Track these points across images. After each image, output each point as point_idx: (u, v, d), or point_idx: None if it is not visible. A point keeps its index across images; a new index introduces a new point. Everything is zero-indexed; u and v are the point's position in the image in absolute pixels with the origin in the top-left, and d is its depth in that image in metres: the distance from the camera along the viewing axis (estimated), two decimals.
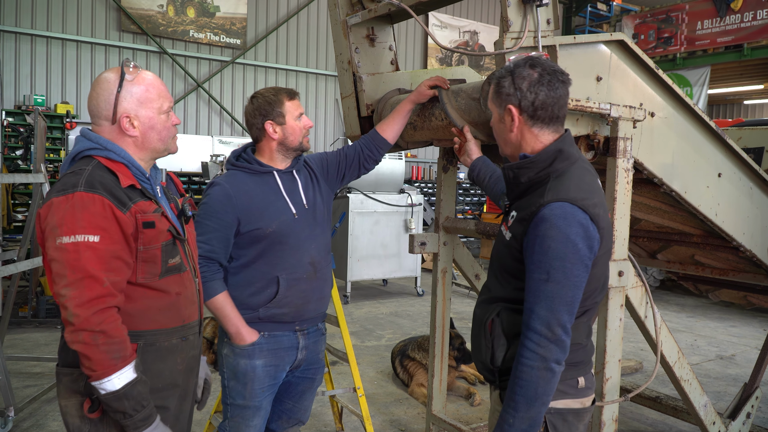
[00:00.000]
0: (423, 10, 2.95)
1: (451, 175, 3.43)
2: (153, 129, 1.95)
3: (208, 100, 13.84)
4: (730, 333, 7.65)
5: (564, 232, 1.73)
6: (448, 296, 3.44)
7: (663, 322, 2.90)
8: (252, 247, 2.49)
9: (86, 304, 1.69)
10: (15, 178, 5.01)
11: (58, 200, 1.76)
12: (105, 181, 1.81)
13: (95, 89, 1.91)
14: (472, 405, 4.88)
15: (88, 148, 1.89)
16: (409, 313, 8.23)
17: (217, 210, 2.43)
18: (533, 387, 1.75)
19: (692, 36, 14.29)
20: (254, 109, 2.54)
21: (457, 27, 17.36)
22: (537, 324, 1.75)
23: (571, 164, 1.87)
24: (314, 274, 2.59)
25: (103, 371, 1.71)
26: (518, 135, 1.90)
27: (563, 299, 1.74)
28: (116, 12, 12.67)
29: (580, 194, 1.79)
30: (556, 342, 1.74)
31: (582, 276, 1.77)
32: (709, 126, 2.99)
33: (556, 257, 1.73)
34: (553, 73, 1.85)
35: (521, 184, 1.91)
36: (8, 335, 6.14)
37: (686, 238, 3.64)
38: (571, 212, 1.75)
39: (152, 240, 1.88)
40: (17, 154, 11.04)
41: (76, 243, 1.72)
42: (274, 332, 2.54)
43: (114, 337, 1.73)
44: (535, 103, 1.83)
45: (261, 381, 2.53)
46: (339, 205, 8.69)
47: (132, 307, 1.87)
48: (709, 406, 3.23)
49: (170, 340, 1.96)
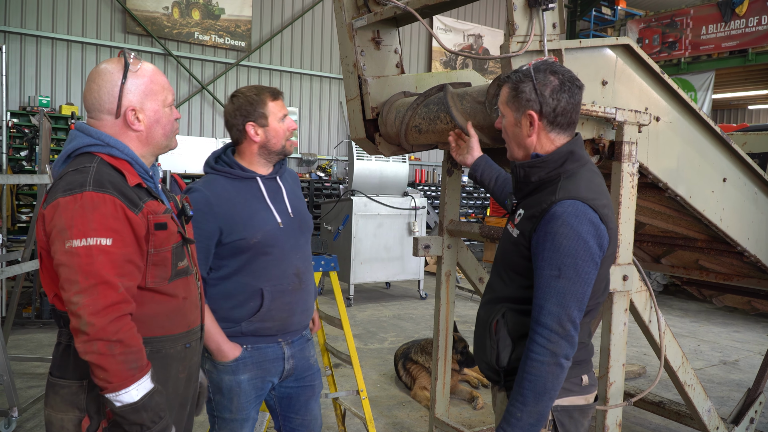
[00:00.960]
0: (429, 13, 2.95)
1: (455, 178, 3.43)
2: (158, 123, 1.84)
3: (212, 102, 13.87)
4: (733, 338, 7.63)
5: (576, 230, 1.76)
6: (452, 299, 3.44)
7: (667, 326, 2.89)
8: (234, 257, 2.34)
9: (101, 312, 1.59)
10: (20, 179, 5.02)
11: (65, 200, 1.64)
12: (114, 180, 1.70)
13: (95, 81, 1.77)
14: (475, 408, 4.87)
15: (87, 145, 1.75)
16: (412, 316, 8.23)
17: (196, 219, 2.23)
18: (542, 382, 1.76)
19: (697, 41, 14.26)
20: (234, 109, 2.38)
21: (462, 30, 17.36)
22: (548, 319, 1.77)
23: (581, 166, 1.91)
24: (299, 285, 2.47)
25: (121, 382, 1.61)
26: (534, 139, 1.92)
27: (574, 295, 1.77)
28: (121, 14, 12.70)
29: (591, 194, 1.82)
30: (566, 338, 1.76)
31: (592, 273, 1.79)
32: (714, 131, 2.99)
33: (567, 254, 1.76)
34: (572, 81, 1.89)
35: (531, 183, 1.94)
36: (12, 336, 6.16)
37: (690, 242, 3.63)
38: (582, 210, 1.78)
39: (163, 242, 1.78)
40: (22, 155, 11.07)
41: (88, 246, 1.60)
42: (258, 344, 2.42)
43: (131, 346, 1.63)
44: (557, 110, 1.87)
45: (247, 395, 2.43)
46: (342, 207, 8.70)
47: (140, 312, 1.75)
48: (712, 411, 3.22)
49: (176, 346, 1.87)
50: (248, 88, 2.43)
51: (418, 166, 16.70)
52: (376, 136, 3.16)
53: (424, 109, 2.78)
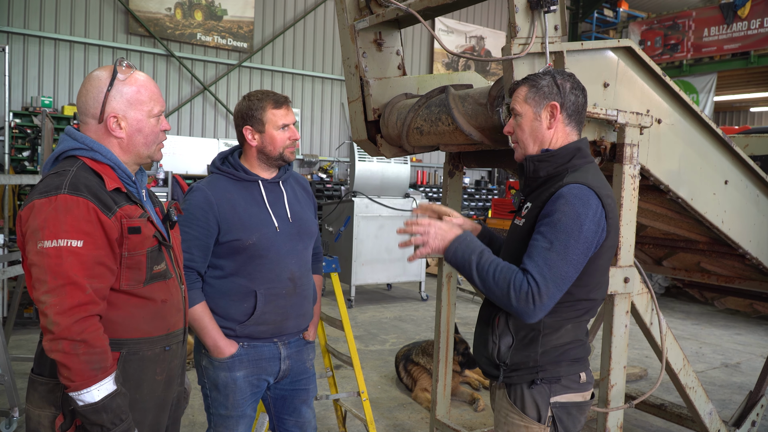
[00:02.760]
0: (431, 15, 2.95)
1: (456, 180, 3.43)
2: (140, 132, 1.87)
3: (214, 103, 13.88)
4: (735, 341, 7.62)
5: (576, 210, 1.82)
6: (453, 301, 3.44)
7: (668, 329, 2.89)
8: (230, 258, 2.39)
9: (67, 311, 1.62)
10: (22, 179, 5.03)
11: (40, 202, 1.69)
12: (90, 184, 1.74)
13: (85, 86, 1.84)
14: (476, 410, 4.87)
15: (72, 148, 1.81)
16: (413, 318, 8.23)
17: (197, 217, 2.33)
18: (498, 283, 1.82)
19: (699, 43, 14.26)
20: (237, 111, 2.46)
21: (464, 32, 17.37)
22: (534, 272, 1.80)
23: (587, 162, 1.99)
24: (294, 290, 2.49)
25: (82, 382, 1.64)
26: (553, 131, 1.99)
27: (558, 270, 1.80)
28: (124, 15, 12.72)
29: (597, 183, 1.90)
30: (540, 295, 1.78)
31: (580, 258, 1.83)
32: (715, 133, 2.98)
33: (562, 231, 1.81)
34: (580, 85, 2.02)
35: (539, 178, 2.01)
36: (13, 336, 6.16)
37: (692, 245, 3.63)
38: (587, 194, 1.85)
39: (137, 246, 1.81)
40: (24, 156, 11.09)
41: (58, 248, 1.64)
42: (254, 342, 2.45)
43: (95, 347, 1.66)
44: (576, 103, 1.98)
45: (243, 392, 2.45)
46: (344, 209, 8.70)
47: (116, 314, 1.79)
48: (714, 413, 3.22)
49: (154, 349, 1.89)
50: (258, 92, 2.47)
51: (419, 168, 16.71)
52: (377, 138, 3.16)
53: (426, 110, 2.78)
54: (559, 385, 1.97)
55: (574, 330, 1.99)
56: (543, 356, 1.96)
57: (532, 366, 1.97)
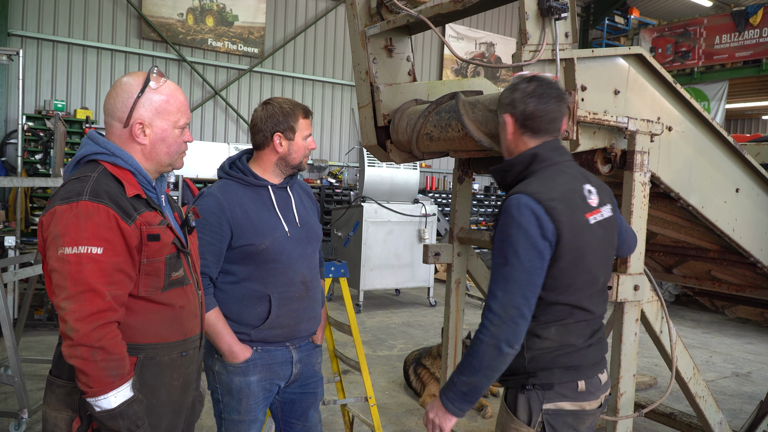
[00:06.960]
0: (441, 21, 2.96)
1: (466, 186, 3.43)
2: (163, 141, 1.89)
3: (225, 107, 13.95)
4: (746, 350, 7.56)
5: (517, 220, 1.86)
6: (462, 307, 3.43)
7: (678, 337, 2.87)
8: (243, 263, 2.40)
9: (86, 318, 1.64)
10: (34, 182, 5.06)
11: (61, 209, 1.70)
12: (110, 190, 1.75)
13: (116, 89, 1.85)
14: (484, 417, 4.85)
15: (94, 152, 1.83)
16: (421, 324, 8.22)
17: (211, 222, 2.33)
18: (479, 359, 1.87)
19: (710, 50, 14.19)
20: (266, 116, 2.43)
21: (474, 38, 17.38)
22: (494, 304, 1.87)
23: (547, 166, 1.99)
24: (306, 293, 2.51)
25: (100, 388, 1.66)
26: (513, 141, 2.04)
27: (517, 281, 1.85)
28: (137, 20, 12.83)
29: (539, 189, 1.91)
30: (508, 322, 1.84)
31: (535, 262, 1.86)
32: (727, 141, 2.97)
33: (510, 242, 1.87)
34: (548, 88, 1.97)
35: (507, 185, 2.07)
36: (24, 337, 6.21)
37: (703, 253, 3.61)
38: (525, 202, 1.88)
39: (156, 253, 1.82)
40: (36, 158, 11.18)
41: (78, 254, 1.66)
42: (267, 347, 2.47)
43: (113, 353, 1.67)
44: (525, 113, 1.97)
45: (256, 396, 2.47)
46: (353, 214, 8.71)
47: (134, 320, 1.81)
48: (724, 423, 3.19)
49: (171, 354, 1.90)
50: (284, 99, 2.48)
51: (428, 173, 16.71)
52: (387, 143, 3.17)
53: (436, 116, 2.78)
54: (553, 392, 1.96)
55: (559, 335, 1.97)
56: (532, 362, 1.97)
57: (522, 372, 1.98)
